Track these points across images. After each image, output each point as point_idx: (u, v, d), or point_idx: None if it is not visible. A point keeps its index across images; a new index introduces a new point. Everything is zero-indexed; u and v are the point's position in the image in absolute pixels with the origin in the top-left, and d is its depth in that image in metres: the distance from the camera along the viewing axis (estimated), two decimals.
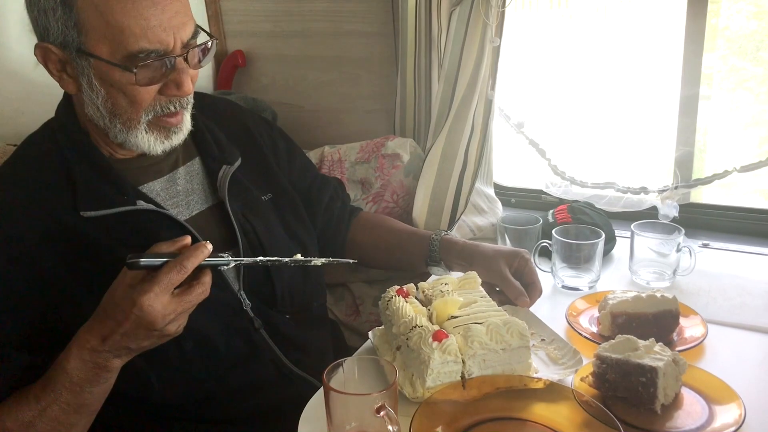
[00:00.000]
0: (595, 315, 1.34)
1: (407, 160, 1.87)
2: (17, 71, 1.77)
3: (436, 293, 1.24)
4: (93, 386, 1.05)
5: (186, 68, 1.12)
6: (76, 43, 1.07)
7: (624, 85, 1.92)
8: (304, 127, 2.21)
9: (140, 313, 0.98)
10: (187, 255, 1.00)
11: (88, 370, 1.04)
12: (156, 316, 0.99)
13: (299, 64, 2.18)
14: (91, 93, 1.12)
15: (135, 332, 1.01)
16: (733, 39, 1.84)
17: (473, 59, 1.71)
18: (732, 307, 1.40)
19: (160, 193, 1.24)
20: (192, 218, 1.26)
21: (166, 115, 1.16)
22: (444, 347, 1.08)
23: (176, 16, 1.08)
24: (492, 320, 1.13)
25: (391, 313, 1.20)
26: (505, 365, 1.12)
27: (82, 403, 1.06)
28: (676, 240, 1.47)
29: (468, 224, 1.85)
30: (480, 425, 1.03)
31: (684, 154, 1.82)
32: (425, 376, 1.08)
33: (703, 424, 1.02)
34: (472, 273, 1.31)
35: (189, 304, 1.02)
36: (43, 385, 1.06)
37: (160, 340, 1.05)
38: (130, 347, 1.03)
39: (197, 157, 1.32)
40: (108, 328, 1.01)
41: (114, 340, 1.01)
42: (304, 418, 1.08)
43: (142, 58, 1.07)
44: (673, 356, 1.07)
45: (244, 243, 1.28)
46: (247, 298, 1.27)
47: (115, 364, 1.05)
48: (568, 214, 1.72)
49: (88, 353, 1.03)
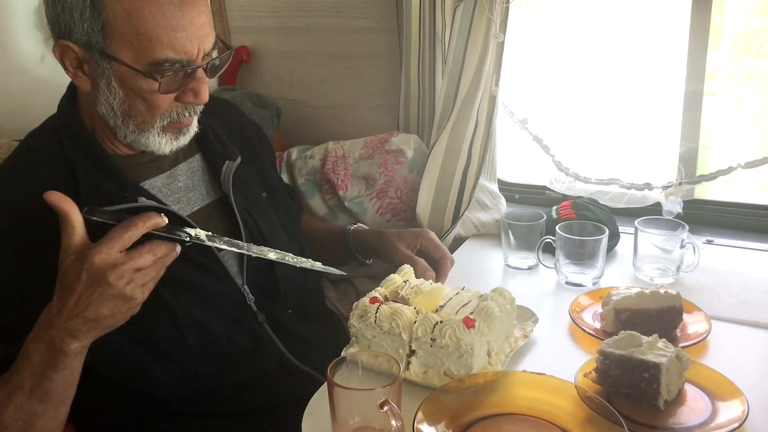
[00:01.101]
0: (598, 311, 1.34)
1: (411, 156, 1.87)
2: (23, 67, 1.78)
3: (408, 291, 1.24)
4: (53, 372, 1.03)
5: (205, 78, 1.14)
6: (101, 46, 1.08)
7: (628, 81, 1.91)
8: (308, 122, 2.22)
9: (90, 267, 0.96)
10: (140, 215, 1.00)
11: (45, 352, 1.02)
12: (106, 267, 0.97)
13: (303, 60, 2.18)
14: (108, 94, 1.13)
15: (89, 294, 0.98)
16: (738, 35, 1.83)
17: (477, 55, 1.71)
18: (736, 303, 1.40)
19: (161, 189, 1.25)
20: (193, 214, 1.26)
21: (181, 120, 1.18)
22: (479, 331, 1.10)
23: (202, 27, 1.10)
24: (482, 295, 1.21)
25: (388, 323, 1.16)
26: (507, 329, 1.22)
27: (45, 391, 1.04)
28: (680, 236, 1.47)
29: (472, 220, 1.85)
30: (483, 420, 1.04)
31: (688, 150, 1.81)
32: (471, 364, 1.09)
33: (707, 420, 1.02)
34: (405, 266, 1.34)
35: (137, 262, 0.99)
36: (10, 372, 1.05)
37: (121, 308, 1.01)
38: (87, 316, 0.99)
39: (198, 153, 1.33)
40: (63, 297, 1.00)
41: (69, 310, 0.99)
42: (308, 412, 1.09)
43: (167, 68, 1.09)
44: (677, 352, 1.07)
45: (247, 237, 1.28)
46: (251, 293, 1.27)
47: (72, 346, 1.01)
48: (571, 210, 1.72)
49: (43, 330, 1.01)
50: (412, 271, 1.34)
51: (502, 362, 1.18)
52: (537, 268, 1.60)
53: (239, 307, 1.26)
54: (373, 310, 1.19)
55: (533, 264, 1.61)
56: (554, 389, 1.07)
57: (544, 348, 1.27)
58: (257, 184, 1.40)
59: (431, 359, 1.14)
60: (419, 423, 0.99)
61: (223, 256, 1.25)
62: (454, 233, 1.82)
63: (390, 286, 1.27)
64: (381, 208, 1.89)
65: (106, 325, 1.03)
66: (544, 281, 1.55)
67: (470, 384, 1.09)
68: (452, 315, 1.16)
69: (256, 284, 1.29)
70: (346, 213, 1.92)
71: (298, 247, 1.42)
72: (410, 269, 1.35)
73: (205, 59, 1.13)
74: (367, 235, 1.55)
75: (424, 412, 1.01)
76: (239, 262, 1.28)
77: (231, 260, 1.28)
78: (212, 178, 1.33)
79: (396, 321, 1.15)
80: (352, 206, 1.90)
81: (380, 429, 0.98)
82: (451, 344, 1.10)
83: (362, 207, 1.89)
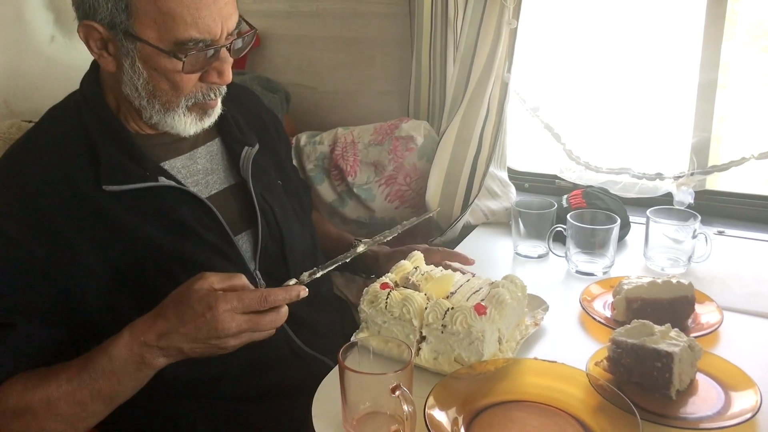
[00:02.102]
0: (609, 300, 1.34)
1: (421, 143, 1.86)
2: (34, 47, 1.77)
3: (418, 277, 1.24)
4: (130, 380, 1.05)
5: (228, 58, 1.14)
6: (124, 26, 1.08)
7: (641, 70, 1.89)
8: (318, 108, 2.21)
9: (212, 317, 0.99)
10: (276, 291, 1.04)
11: (133, 363, 1.03)
12: (225, 326, 1.00)
13: (313, 45, 2.17)
14: (132, 74, 1.13)
15: (196, 336, 1.01)
16: (752, 26, 1.81)
17: (490, 41, 1.70)
18: (747, 294, 1.39)
19: (180, 170, 1.25)
20: (211, 197, 1.26)
21: (206, 102, 1.18)
22: (490, 318, 1.10)
23: (226, 6, 1.10)
24: (494, 282, 1.21)
25: (399, 309, 1.16)
26: (518, 317, 1.22)
27: (113, 394, 1.05)
28: (692, 226, 1.46)
29: (481, 208, 1.85)
30: (494, 407, 1.04)
31: (701, 141, 1.80)
32: (481, 351, 1.09)
33: (720, 410, 1.01)
34: (416, 253, 1.33)
35: (256, 326, 1.03)
36: (79, 367, 1.05)
37: (212, 352, 1.04)
38: (182, 349, 1.02)
39: (217, 138, 1.33)
40: (170, 325, 1.01)
41: (171, 338, 1.01)
42: (318, 397, 1.09)
43: (191, 47, 1.08)
44: (689, 342, 1.07)
45: (262, 223, 1.28)
46: (262, 278, 1.27)
47: (160, 363, 1.04)
48: (582, 199, 1.71)
49: (138, 346, 1.02)
50: (422, 258, 1.34)
51: (512, 349, 1.17)
52: (547, 256, 1.60)
53: None
54: (384, 295, 1.18)
55: (543, 253, 1.60)
56: (565, 377, 1.06)
57: (554, 336, 1.27)
58: (273, 171, 1.40)
59: (442, 345, 1.13)
60: (430, 408, 0.99)
61: (237, 240, 1.25)
62: (463, 221, 1.82)
63: (400, 273, 1.27)
64: (390, 194, 1.88)
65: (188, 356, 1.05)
66: (554, 270, 1.55)
67: (481, 371, 1.08)
68: (463, 302, 1.16)
69: (268, 270, 1.29)
70: (354, 199, 1.92)
71: (309, 237, 1.43)
72: (420, 256, 1.34)
73: (228, 39, 1.13)
74: (363, 256, 1.51)
75: (436, 397, 1.01)
76: (253, 248, 1.28)
77: (245, 245, 1.28)
78: (230, 163, 1.32)
79: (407, 307, 1.15)
80: (360, 192, 1.89)
81: (390, 414, 0.98)
82: (462, 331, 1.10)
83: (371, 193, 1.89)
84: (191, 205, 1.20)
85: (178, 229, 1.17)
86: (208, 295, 1.01)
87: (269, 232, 1.30)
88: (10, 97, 1.70)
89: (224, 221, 1.22)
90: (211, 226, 1.21)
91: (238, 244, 1.25)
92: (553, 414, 1.02)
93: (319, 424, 1.03)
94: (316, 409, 1.06)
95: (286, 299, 1.05)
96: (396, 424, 0.96)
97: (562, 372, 1.07)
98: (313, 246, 1.46)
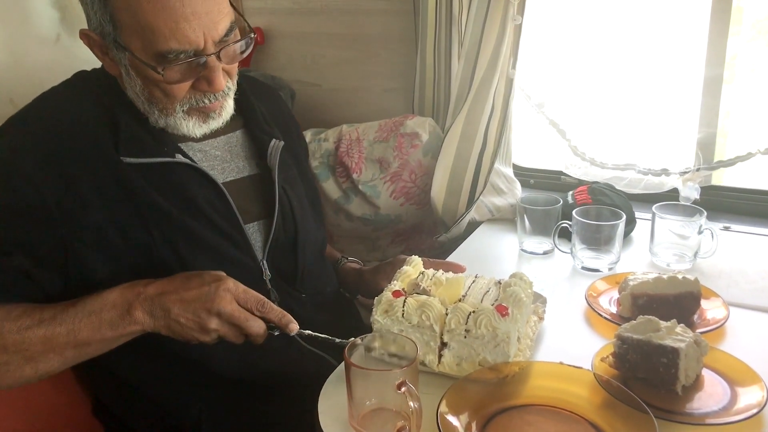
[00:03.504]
0: (615, 296, 1.34)
1: (426, 140, 1.86)
2: (42, 43, 1.78)
3: (428, 283, 1.21)
4: (108, 329, 1.05)
5: (217, 66, 1.12)
6: (113, 36, 1.09)
7: (646, 66, 1.89)
8: (323, 105, 2.21)
9: (215, 289, 1.05)
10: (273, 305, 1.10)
11: (119, 308, 1.05)
12: (221, 302, 1.04)
13: (318, 42, 2.17)
14: (130, 81, 1.15)
15: (190, 300, 1.05)
16: (757, 21, 1.80)
17: (494, 37, 1.69)
18: (754, 290, 1.39)
19: (196, 153, 1.25)
20: (226, 183, 1.26)
21: (201, 106, 1.18)
22: (513, 319, 1.09)
23: (207, 15, 1.08)
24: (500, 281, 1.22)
25: (417, 316, 1.11)
26: (529, 314, 1.22)
27: (87, 340, 1.05)
28: (698, 222, 1.46)
29: (487, 204, 1.85)
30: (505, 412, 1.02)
31: (707, 136, 1.79)
32: (508, 352, 1.08)
33: (726, 405, 1.01)
34: (415, 258, 1.31)
35: (243, 322, 1.07)
36: (68, 304, 1.06)
37: (192, 326, 1.06)
38: (170, 311, 1.05)
39: (240, 129, 1.34)
40: (172, 287, 1.06)
41: (166, 298, 1.05)
42: (324, 393, 1.09)
43: (171, 59, 1.08)
44: (695, 337, 1.06)
45: (279, 214, 1.29)
46: (269, 270, 1.28)
47: (139, 318, 1.05)
48: (588, 195, 1.71)
49: (132, 294, 1.06)
50: (421, 263, 1.31)
51: (529, 347, 1.17)
52: (552, 253, 1.59)
53: (255, 279, 1.25)
54: (400, 303, 1.13)
55: (549, 249, 1.60)
56: (570, 378, 1.05)
57: (560, 333, 1.27)
58: (295, 170, 1.41)
59: (465, 350, 1.10)
60: (444, 414, 0.98)
61: (248, 228, 1.25)
62: (468, 218, 1.82)
63: (406, 279, 1.23)
64: (395, 191, 1.88)
65: (167, 326, 1.07)
66: (559, 266, 1.55)
67: (507, 372, 1.07)
68: (480, 304, 1.14)
69: (276, 264, 1.29)
70: (359, 196, 1.92)
71: (321, 239, 1.45)
72: (419, 261, 1.31)
73: (218, 46, 1.11)
74: (347, 274, 1.55)
75: (449, 401, 1.00)
76: (264, 238, 1.28)
77: (256, 234, 1.28)
78: (252, 154, 1.33)
79: (426, 313, 1.11)
80: (366, 189, 1.89)
81: (396, 410, 0.98)
82: (487, 334, 1.07)
83: (376, 190, 1.89)
84: (204, 187, 1.21)
85: (188, 206, 1.18)
86: (221, 275, 1.08)
87: (284, 225, 1.30)
88: (15, 96, 1.71)
89: (235, 207, 1.23)
90: (221, 209, 1.21)
91: (248, 233, 1.25)
92: (567, 418, 1.01)
93: (325, 420, 1.03)
94: (321, 406, 1.06)
95: (278, 316, 1.10)
96: (402, 420, 0.96)
97: (566, 373, 1.06)
98: (323, 248, 1.47)
